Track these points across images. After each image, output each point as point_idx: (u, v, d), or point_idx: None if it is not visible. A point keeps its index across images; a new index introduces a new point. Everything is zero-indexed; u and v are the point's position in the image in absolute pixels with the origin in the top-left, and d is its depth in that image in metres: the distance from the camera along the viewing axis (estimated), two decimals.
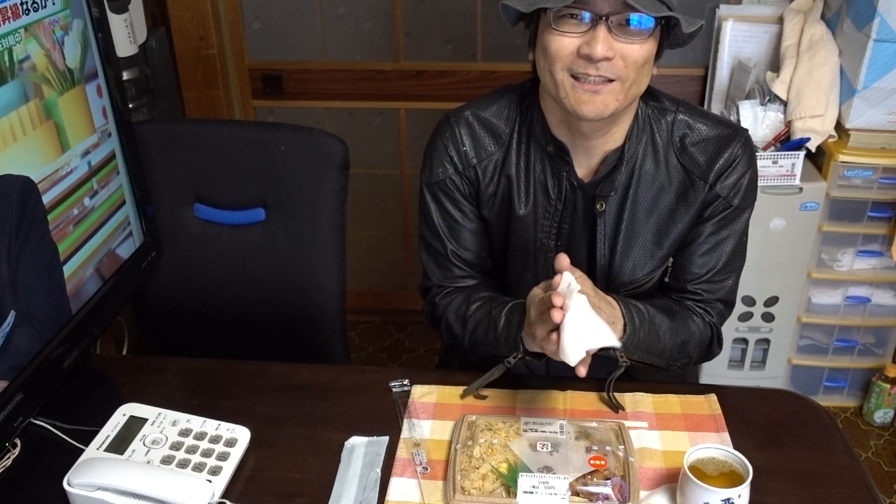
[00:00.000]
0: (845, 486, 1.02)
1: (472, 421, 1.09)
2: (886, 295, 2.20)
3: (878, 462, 2.19)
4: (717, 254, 1.20)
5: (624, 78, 1.03)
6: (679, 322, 1.18)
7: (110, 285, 1.20)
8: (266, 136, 1.46)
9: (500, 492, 0.98)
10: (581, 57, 1.02)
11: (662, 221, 1.19)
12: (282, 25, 2.39)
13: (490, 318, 1.16)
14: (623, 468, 1.00)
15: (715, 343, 1.24)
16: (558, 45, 1.03)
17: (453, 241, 1.25)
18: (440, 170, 1.22)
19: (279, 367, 1.26)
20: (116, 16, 1.80)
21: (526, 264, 1.23)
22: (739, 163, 1.16)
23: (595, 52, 1.00)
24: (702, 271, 1.21)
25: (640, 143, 1.16)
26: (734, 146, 1.16)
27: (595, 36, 1.00)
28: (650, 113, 1.17)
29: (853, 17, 1.97)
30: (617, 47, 1.01)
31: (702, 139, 1.16)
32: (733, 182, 1.16)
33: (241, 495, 1.01)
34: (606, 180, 1.16)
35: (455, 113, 1.23)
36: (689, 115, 1.17)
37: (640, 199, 1.17)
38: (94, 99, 1.15)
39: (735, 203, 1.17)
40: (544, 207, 1.19)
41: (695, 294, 1.22)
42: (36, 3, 1.00)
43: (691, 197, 1.17)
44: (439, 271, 1.27)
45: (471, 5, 2.31)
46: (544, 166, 1.18)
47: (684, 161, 1.16)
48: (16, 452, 1.06)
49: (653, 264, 1.21)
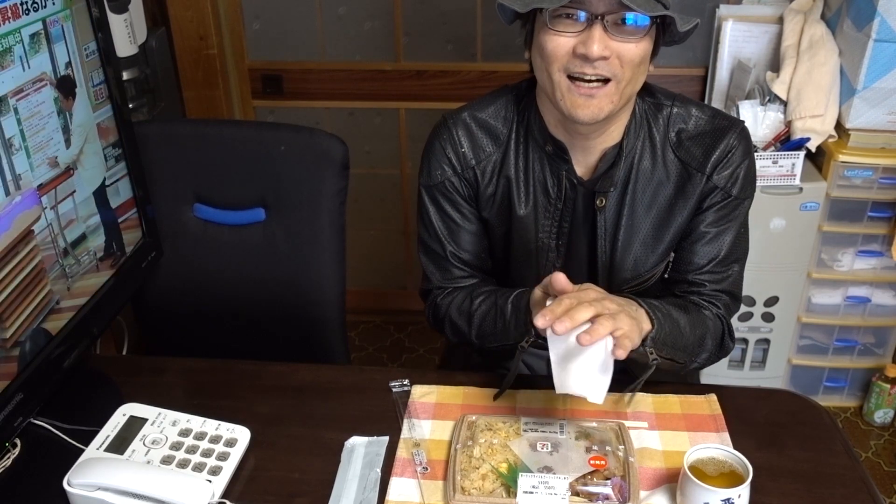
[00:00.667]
0: (845, 486, 1.02)
1: (472, 421, 1.09)
2: (886, 295, 2.20)
3: (878, 462, 2.19)
4: (718, 243, 1.20)
5: (620, 77, 1.04)
6: (693, 315, 1.17)
7: (110, 285, 1.20)
8: (266, 136, 1.46)
9: (500, 492, 0.98)
10: (577, 56, 1.02)
11: (662, 216, 1.19)
12: (282, 25, 2.39)
13: (496, 308, 1.16)
14: (623, 468, 1.00)
15: (727, 337, 1.23)
16: (554, 45, 1.03)
17: (452, 242, 1.25)
18: (438, 172, 1.22)
19: (279, 367, 1.26)
20: (116, 16, 1.80)
21: (528, 264, 1.24)
22: (735, 153, 1.16)
23: (591, 52, 1.00)
24: (703, 261, 1.20)
25: (638, 139, 1.16)
26: (730, 137, 1.16)
27: (591, 35, 1.00)
28: (647, 108, 1.17)
29: (853, 17, 1.97)
30: (613, 46, 1.01)
31: (698, 132, 1.17)
32: (730, 172, 1.16)
33: (241, 495, 1.01)
34: (605, 176, 1.17)
35: (452, 115, 1.23)
36: (684, 108, 1.18)
37: (639, 195, 1.18)
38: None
39: (734, 193, 1.17)
40: (544, 207, 1.19)
41: (698, 285, 1.21)
42: (36, 3, 1.00)
43: (689, 190, 1.17)
44: (439, 273, 1.27)
45: (471, 5, 2.31)
46: (543, 166, 1.18)
47: (681, 155, 1.17)
48: (16, 452, 1.06)
49: (654, 259, 1.21)
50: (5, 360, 0.97)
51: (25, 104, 0.98)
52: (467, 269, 1.27)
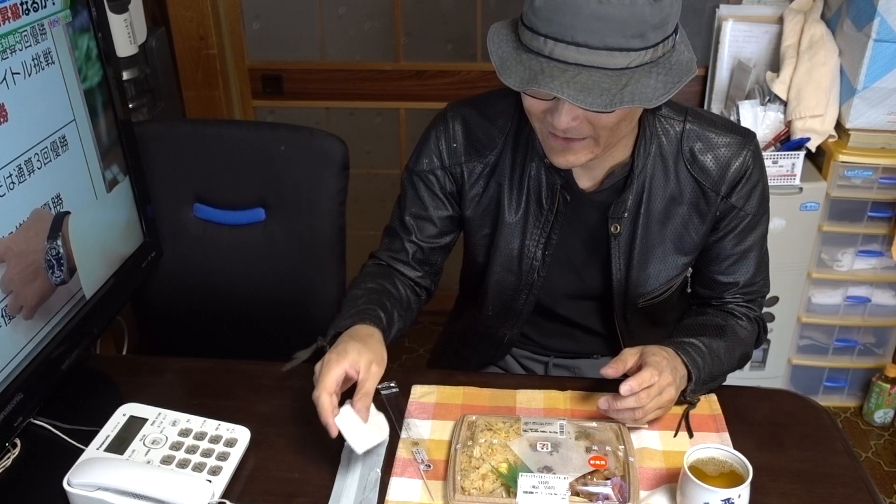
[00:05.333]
0: (845, 486, 1.02)
1: (472, 421, 1.09)
2: (886, 295, 2.20)
3: (878, 462, 2.19)
4: (746, 262, 1.20)
5: (596, 136, 1.01)
6: (731, 337, 1.18)
7: (110, 285, 1.20)
8: (266, 136, 1.46)
9: (500, 492, 0.98)
10: (548, 120, 1.00)
11: (677, 232, 1.17)
12: (282, 25, 2.39)
13: (351, 299, 1.15)
14: (623, 468, 1.00)
15: (762, 335, 1.25)
16: (529, 104, 1.02)
17: (416, 227, 1.23)
18: (426, 160, 1.21)
19: (279, 368, 1.25)
20: (116, 16, 1.80)
21: (510, 269, 1.22)
22: (752, 173, 1.14)
23: (559, 124, 0.97)
24: (736, 281, 1.21)
25: (649, 156, 1.13)
26: (745, 155, 1.13)
27: (558, 108, 0.97)
28: (657, 123, 1.13)
29: (853, 17, 1.97)
30: (582, 114, 0.97)
31: (711, 148, 1.14)
32: (747, 193, 1.15)
33: (241, 495, 1.01)
34: (618, 202, 1.14)
35: (455, 106, 1.21)
36: (698, 124, 1.14)
37: (653, 212, 1.16)
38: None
39: (751, 212, 1.17)
40: (535, 216, 1.18)
41: (732, 302, 1.23)
42: (36, 3, 1.00)
43: (703, 208, 1.16)
44: (390, 245, 1.26)
45: (471, 5, 2.31)
46: (539, 175, 1.16)
47: (695, 172, 1.14)
48: (16, 452, 1.06)
49: (670, 274, 1.20)
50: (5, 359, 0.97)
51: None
52: (413, 253, 1.24)
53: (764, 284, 1.25)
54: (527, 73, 0.93)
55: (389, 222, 1.28)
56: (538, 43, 0.93)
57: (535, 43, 0.93)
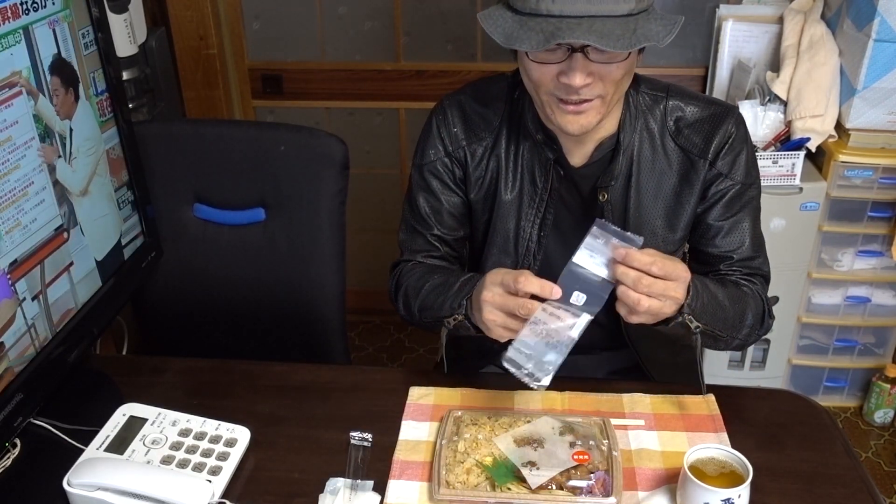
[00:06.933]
0: (845, 486, 1.02)
1: (457, 416, 1.09)
2: (886, 295, 2.20)
3: (878, 462, 2.19)
4: (738, 232, 1.21)
5: (606, 94, 1.05)
6: (732, 288, 1.17)
7: (110, 285, 1.20)
8: (266, 136, 1.46)
9: (484, 485, 0.98)
10: (562, 83, 1.03)
11: (670, 204, 1.20)
12: (282, 25, 2.39)
13: (446, 284, 1.16)
14: (607, 462, 1.00)
15: (767, 314, 1.22)
16: (539, 74, 1.05)
17: (435, 221, 1.26)
18: (432, 151, 1.24)
19: (279, 367, 1.26)
20: (116, 16, 1.80)
21: (506, 251, 1.24)
22: (735, 139, 1.18)
23: (574, 82, 1.01)
24: (729, 253, 1.21)
25: (635, 130, 1.18)
26: (728, 124, 1.17)
27: (572, 65, 1.01)
28: (641, 100, 1.18)
29: (853, 17, 1.97)
30: (595, 70, 1.02)
31: (695, 119, 1.18)
32: (732, 159, 1.18)
33: (241, 495, 1.01)
34: (606, 171, 1.18)
35: (449, 96, 1.26)
36: (680, 98, 1.19)
37: (644, 186, 1.19)
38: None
39: (739, 179, 1.18)
40: (530, 195, 1.21)
41: (733, 272, 1.22)
42: (36, 3, 1.00)
43: (693, 177, 1.18)
44: (414, 246, 1.28)
45: (471, 5, 2.31)
46: (532, 154, 1.20)
47: (681, 143, 1.18)
48: (16, 452, 1.06)
49: (666, 249, 1.20)
50: (5, 359, 0.97)
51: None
52: (441, 247, 1.28)
53: (763, 263, 1.24)
54: (541, 35, 0.97)
55: (403, 224, 1.30)
56: (546, 3, 0.97)
57: (542, 4, 0.98)
